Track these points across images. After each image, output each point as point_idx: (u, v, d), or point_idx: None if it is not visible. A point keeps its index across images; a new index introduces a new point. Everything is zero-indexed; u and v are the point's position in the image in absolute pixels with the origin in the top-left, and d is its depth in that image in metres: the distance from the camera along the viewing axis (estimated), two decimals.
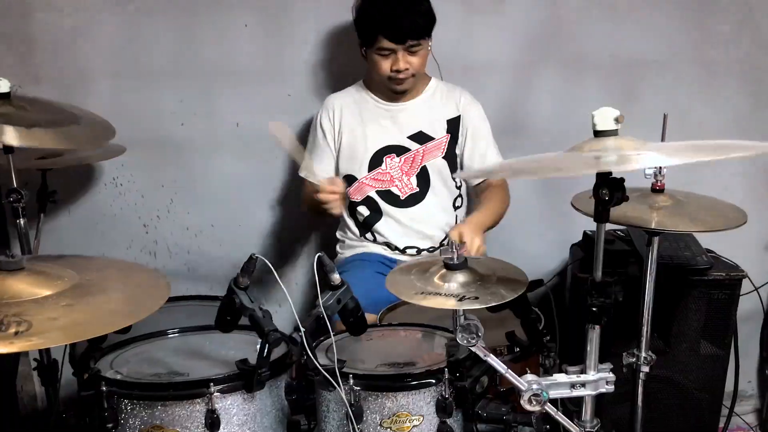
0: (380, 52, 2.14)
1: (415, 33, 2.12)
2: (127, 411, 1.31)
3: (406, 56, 2.15)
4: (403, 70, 2.15)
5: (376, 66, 2.18)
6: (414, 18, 2.11)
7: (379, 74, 2.19)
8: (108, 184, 2.66)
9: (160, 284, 1.57)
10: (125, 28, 2.50)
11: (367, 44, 2.17)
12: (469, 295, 1.25)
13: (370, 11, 2.15)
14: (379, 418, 1.34)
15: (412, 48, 2.14)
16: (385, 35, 2.10)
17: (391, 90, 2.25)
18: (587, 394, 1.38)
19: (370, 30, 2.14)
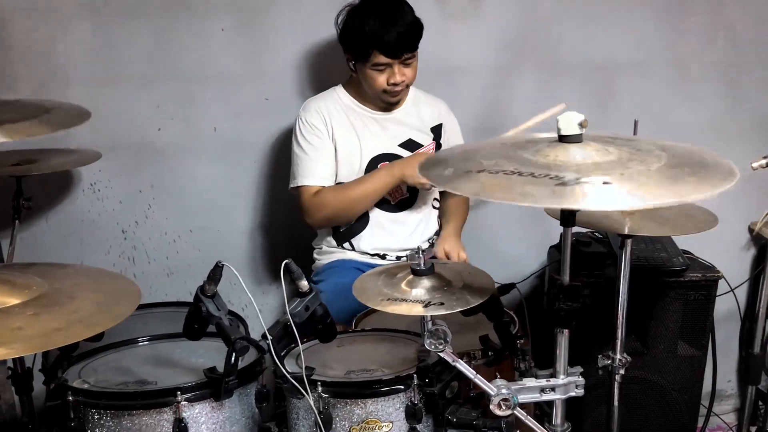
0: (376, 68, 2.12)
1: (409, 46, 2.11)
2: (94, 421, 1.30)
3: (401, 69, 2.13)
4: (399, 83, 2.14)
5: (370, 81, 2.16)
6: (407, 31, 2.10)
7: (374, 89, 2.17)
8: (86, 190, 2.64)
9: (132, 291, 1.56)
10: (101, 33, 2.48)
11: (361, 59, 2.14)
12: (434, 300, 1.25)
13: (361, 27, 2.11)
14: (348, 425, 1.34)
15: (406, 60, 2.13)
16: (381, 51, 2.08)
17: (384, 102, 2.23)
18: (557, 398, 1.38)
19: (363, 46, 2.11)
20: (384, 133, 2.27)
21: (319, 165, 2.24)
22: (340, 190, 2.25)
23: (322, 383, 1.33)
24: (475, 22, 2.57)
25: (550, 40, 2.61)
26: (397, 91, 2.17)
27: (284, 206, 2.67)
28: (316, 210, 2.24)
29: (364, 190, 2.21)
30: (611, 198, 1.09)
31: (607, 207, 1.05)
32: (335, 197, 2.23)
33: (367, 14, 2.10)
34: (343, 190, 2.24)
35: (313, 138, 2.24)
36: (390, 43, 2.07)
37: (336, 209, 2.24)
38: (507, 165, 1.19)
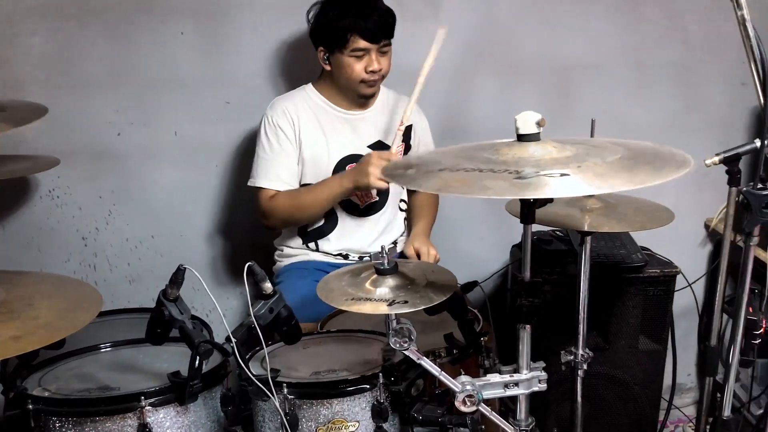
0: (354, 53, 2.10)
1: (387, 31, 2.12)
2: (56, 429, 1.28)
3: (378, 57, 2.13)
4: (377, 71, 2.13)
5: (348, 69, 2.14)
6: (383, 16, 2.12)
7: (352, 78, 2.15)
8: (44, 197, 2.60)
9: (93, 298, 1.54)
10: (58, 38, 2.44)
11: (339, 47, 2.12)
12: (399, 299, 1.26)
13: (338, 14, 2.10)
14: (315, 426, 1.34)
15: (383, 48, 2.13)
16: (360, 35, 2.08)
17: (360, 95, 2.21)
18: (521, 393, 1.40)
19: (342, 32, 2.09)
20: (353, 134, 2.27)
21: (279, 167, 2.23)
22: (294, 196, 2.23)
23: (288, 384, 1.33)
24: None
25: (509, 43, 2.64)
26: (374, 81, 2.16)
27: (246, 209, 2.65)
28: (270, 214, 2.25)
29: (316, 199, 2.21)
30: (569, 188, 1.11)
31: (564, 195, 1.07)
32: (288, 204, 2.22)
33: (343, 2, 2.12)
34: (296, 196, 2.23)
35: (277, 139, 2.22)
36: (370, 27, 2.08)
37: (289, 215, 2.25)
38: (467, 164, 1.21)
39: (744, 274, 1.35)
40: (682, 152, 1.29)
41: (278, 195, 2.22)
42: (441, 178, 1.16)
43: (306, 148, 2.23)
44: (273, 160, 2.23)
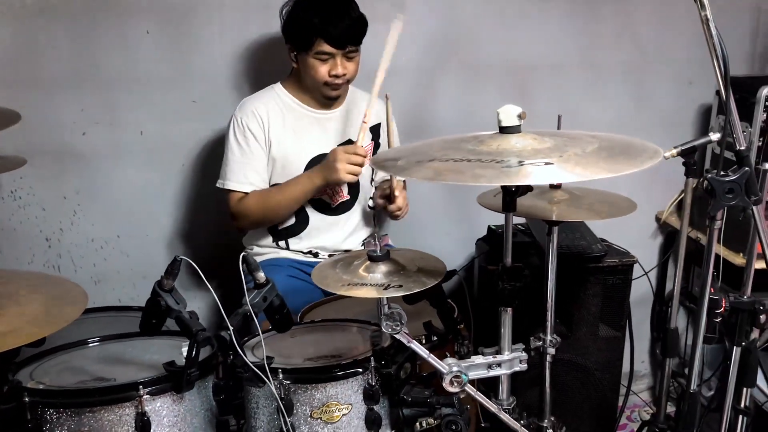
0: (319, 56, 2.12)
1: (354, 38, 2.14)
2: (53, 421, 1.29)
3: (344, 62, 2.15)
4: (341, 75, 2.15)
5: (312, 71, 2.16)
6: (353, 23, 2.13)
7: (315, 79, 2.17)
8: (5, 198, 2.56)
9: (77, 292, 1.55)
10: (20, 35, 2.41)
11: (304, 48, 2.14)
12: (393, 283, 1.31)
13: (307, 15, 2.12)
14: (309, 410, 1.38)
15: (349, 54, 2.15)
16: (325, 39, 2.10)
17: (324, 96, 2.23)
18: (503, 373, 1.47)
19: (307, 33, 2.11)
20: (324, 134, 2.30)
21: (249, 170, 2.24)
22: (263, 196, 2.25)
23: (283, 370, 1.37)
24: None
25: (471, 43, 2.72)
26: (337, 84, 2.18)
27: (212, 209, 2.66)
28: (240, 216, 2.27)
29: (287, 198, 2.23)
30: (553, 175, 1.18)
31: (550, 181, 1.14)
32: (258, 204, 2.24)
33: (315, 4, 2.13)
34: (266, 196, 2.25)
35: (246, 141, 2.23)
36: (336, 33, 2.09)
37: (259, 216, 2.27)
38: (455, 154, 1.27)
39: (708, 254, 1.45)
40: (651, 144, 1.38)
41: (248, 196, 2.24)
42: (432, 167, 1.22)
43: (276, 148, 2.25)
44: (242, 162, 2.24)
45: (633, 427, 2.90)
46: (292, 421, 1.35)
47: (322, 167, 2.19)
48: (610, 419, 2.58)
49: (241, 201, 2.25)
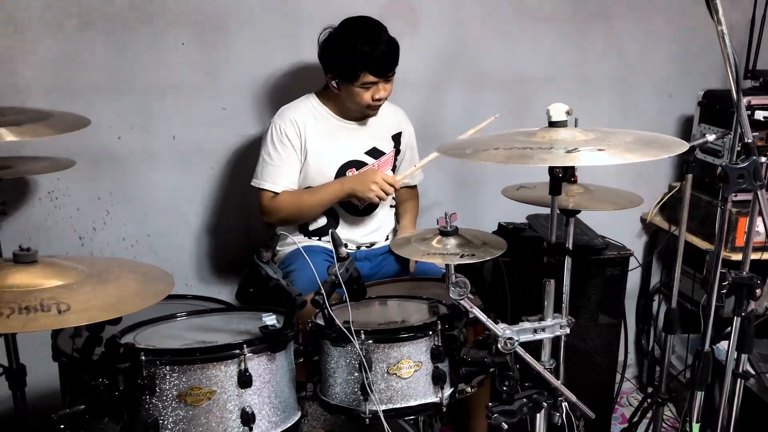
0: (363, 86, 2.32)
1: (394, 65, 2.34)
2: (164, 377, 1.46)
3: (385, 85, 2.35)
4: (383, 99, 2.36)
5: (357, 98, 2.34)
6: (390, 51, 2.32)
7: (360, 104, 2.37)
8: (43, 198, 2.69)
9: (162, 272, 1.72)
10: (63, 45, 2.57)
11: (349, 80, 2.31)
12: (466, 253, 1.53)
13: (349, 50, 2.28)
14: (386, 366, 1.58)
15: (389, 77, 2.36)
16: (370, 71, 2.28)
17: (365, 116, 2.44)
18: (546, 337, 1.69)
19: (352, 67, 2.28)
20: (352, 142, 2.50)
21: (283, 173, 2.43)
22: (296, 196, 2.45)
23: (365, 331, 1.56)
24: (412, 41, 2.87)
25: (476, 58, 2.97)
26: (379, 105, 2.41)
27: (238, 209, 2.85)
28: (272, 212, 2.45)
29: (317, 200, 2.43)
30: (606, 158, 1.42)
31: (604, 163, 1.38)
32: (290, 204, 2.43)
33: (353, 38, 2.30)
34: (298, 197, 2.45)
35: (283, 147, 2.42)
36: (379, 64, 2.28)
37: (289, 214, 2.45)
38: (515, 144, 1.50)
39: (721, 233, 1.70)
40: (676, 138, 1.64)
41: (281, 195, 2.43)
42: (500, 153, 1.44)
43: (311, 154, 2.44)
44: (277, 166, 2.42)
45: (623, 411, 3.14)
46: (371, 378, 1.55)
47: (356, 179, 2.40)
48: (608, 399, 2.81)
49: (273, 199, 2.44)
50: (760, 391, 2.54)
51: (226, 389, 1.47)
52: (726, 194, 1.59)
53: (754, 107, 2.68)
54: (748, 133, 1.59)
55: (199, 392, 1.46)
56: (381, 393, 1.57)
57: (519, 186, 2.25)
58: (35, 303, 1.42)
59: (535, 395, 1.66)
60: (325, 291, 1.51)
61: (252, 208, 2.77)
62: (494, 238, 1.65)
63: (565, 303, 2.19)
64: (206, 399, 1.46)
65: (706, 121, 2.92)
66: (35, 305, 1.41)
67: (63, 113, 2.07)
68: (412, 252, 1.58)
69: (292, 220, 2.50)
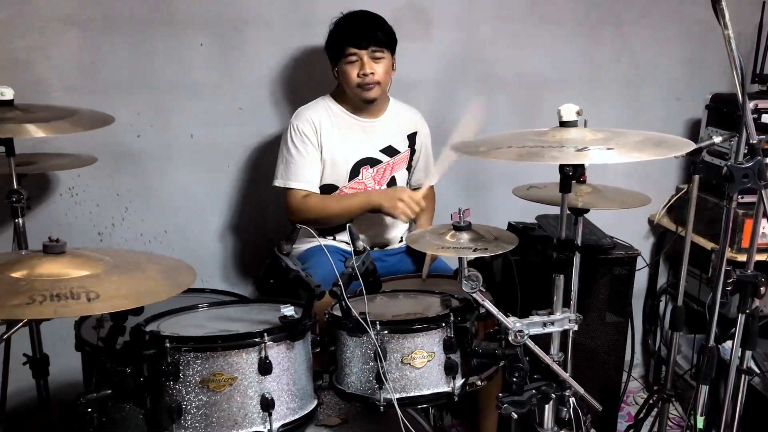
0: (348, 60, 2.41)
1: (375, 40, 2.41)
2: (187, 363, 1.52)
3: (371, 62, 2.41)
4: (369, 74, 2.41)
5: (346, 76, 2.43)
6: (375, 28, 2.42)
7: (350, 84, 2.43)
8: (63, 194, 2.76)
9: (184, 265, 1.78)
10: (85, 45, 2.64)
11: (337, 57, 2.44)
12: (479, 247, 1.58)
13: (338, 29, 2.45)
14: (401, 356, 1.63)
15: (375, 55, 2.42)
16: (348, 43, 2.40)
17: (361, 100, 2.48)
18: (555, 330, 1.74)
19: (338, 43, 2.43)
20: (367, 140, 2.56)
21: (307, 171, 2.49)
22: (325, 202, 2.50)
23: (380, 322, 1.62)
24: (425, 43, 2.94)
25: (487, 60, 3.03)
26: (368, 84, 2.42)
27: (254, 207, 2.92)
28: (301, 212, 2.48)
29: (344, 208, 2.48)
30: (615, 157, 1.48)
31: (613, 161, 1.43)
32: (319, 207, 2.49)
33: (341, 21, 2.47)
34: (327, 202, 2.50)
35: (303, 145, 2.48)
36: (357, 34, 2.39)
37: (317, 217, 2.49)
38: (528, 143, 1.56)
39: (726, 231, 1.75)
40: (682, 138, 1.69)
41: (311, 197, 2.48)
42: (513, 151, 1.50)
43: (326, 151, 2.50)
44: (300, 165, 2.48)
45: (629, 410, 3.19)
46: (385, 366, 1.61)
47: (383, 195, 2.45)
48: (614, 397, 2.86)
49: (303, 199, 2.48)
50: (765, 389, 2.59)
51: (247, 376, 1.53)
52: (731, 193, 1.64)
53: (761, 110, 2.73)
54: (754, 135, 1.64)
55: (221, 378, 1.52)
56: (395, 382, 1.63)
57: (529, 186, 2.30)
58: (66, 291, 1.47)
59: (544, 387, 1.71)
60: (343, 283, 1.57)
61: (268, 206, 2.84)
62: (506, 233, 1.70)
63: (574, 299, 2.26)
64: (228, 385, 1.52)
65: (714, 124, 2.97)
66: (66, 293, 1.47)
67: (88, 111, 2.14)
68: (426, 246, 1.64)
69: (317, 223, 2.51)
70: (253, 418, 1.54)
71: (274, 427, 1.55)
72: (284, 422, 1.57)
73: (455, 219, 1.62)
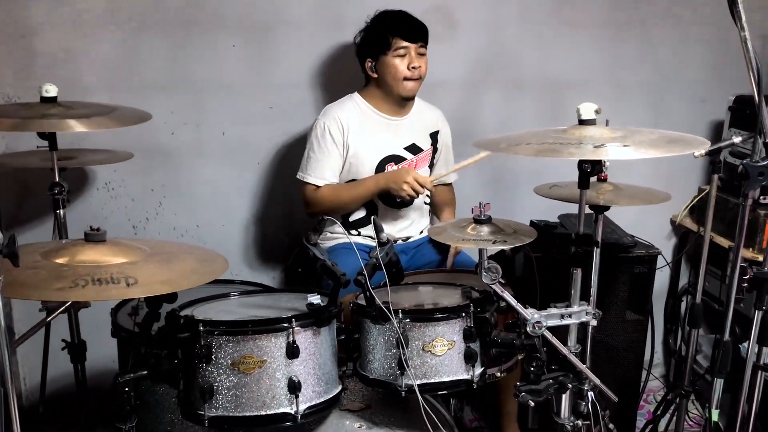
0: (397, 53, 2.50)
1: (423, 34, 2.53)
2: (219, 346, 1.60)
3: (418, 56, 2.52)
4: (418, 67, 2.51)
5: (392, 69, 2.51)
6: (420, 23, 2.54)
7: (397, 76, 2.52)
8: (100, 189, 2.87)
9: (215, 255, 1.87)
10: (122, 46, 2.75)
11: (383, 50, 2.51)
12: (499, 239, 1.65)
13: (382, 23, 2.54)
14: (422, 344, 1.70)
15: (421, 50, 2.53)
16: (400, 35, 2.49)
17: (402, 95, 2.57)
18: (572, 323, 1.80)
19: (385, 35, 2.50)
20: (393, 137, 2.64)
21: (326, 167, 2.58)
22: (336, 190, 2.59)
23: (403, 311, 1.69)
24: (451, 45, 3.01)
25: (512, 62, 3.09)
26: (414, 78, 2.54)
27: (283, 202, 3.01)
28: (314, 204, 2.60)
29: (355, 194, 2.58)
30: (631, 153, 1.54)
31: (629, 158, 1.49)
32: (330, 196, 2.58)
33: (382, 14, 2.56)
34: (338, 191, 2.59)
35: (326, 142, 2.57)
36: (408, 28, 2.50)
37: (330, 206, 2.58)
38: (547, 140, 1.62)
39: (741, 228, 1.80)
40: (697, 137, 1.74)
41: (322, 188, 2.58)
42: (532, 147, 1.56)
43: (352, 148, 2.59)
44: (320, 161, 2.58)
45: (649, 408, 3.22)
46: (407, 353, 1.68)
47: (390, 176, 2.54)
48: (634, 395, 2.90)
49: (316, 191, 2.59)
50: None
51: (275, 359, 1.61)
52: (746, 191, 1.68)
53: None
54: None
55: (251, 361, 1.60)
56: (416, 368, 1.70)
57: (551, 185, 2.35)
58: (106, 276, 1.57)
59: (561, 377, 1.77)
60: (367, 273, 1.64)
61: (295, 201, 2.92)
62: (525, 227, 1.76)
63: (593, 295, 2.30)
64: (257, 367, 1.61)
65: (737, 125, 2.99)
66: (106, 278, 1.56)
67: (126, 108, 2.23)
68: (448, 238, 1.71)
69: (332, 212, 2.62)
70: (281, 400, 1.62)
71: (301, 409, 1.62)
72: (310, 404, 1.65)
73: (476, 213, 1.68)
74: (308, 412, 1.64)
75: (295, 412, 1.62)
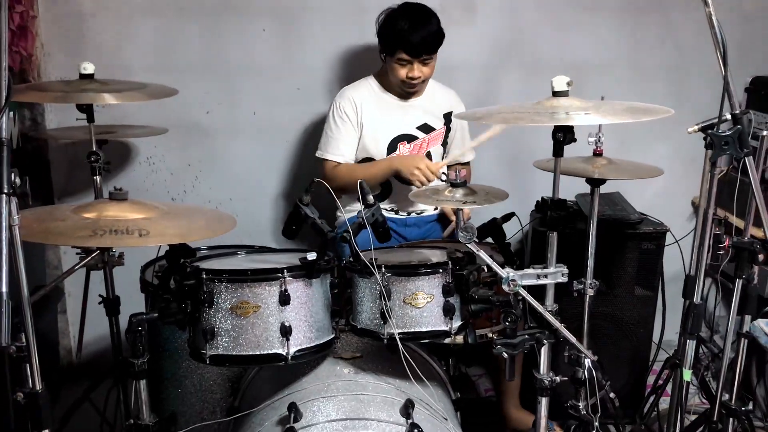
0: (399, 62, 2.62)
1: (427, 49, 2.59)
2: (220, 292, 1.80)
3: (420, 67, 2.63)
4: (416, 78, 2.64)
5: (394, 71, 2.64)
6: (427, 37, 2.57)
7: (396, 78, 2.66)
8: (142, 163, 3.13)
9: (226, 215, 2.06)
10: (161, 32, 3.00)
11: (389, 53, 2.63)
12: (469, 200, 1.79)
13: (392, 28, 2.59)
14: (403, 296, 1.86)
15: (425, 60, 2.63)
16: (404, 50, 2.57)
17: (403, 91, 2.73)
18: (548, 282, 1.92)
19: (391, 43, 2.60)
20: (405, 117, 2.79)
21: (341, 145, 2.75)
22: (352, 170, 2.74)
23: (386, 266, 1.85)
24: (469, 28, 3.14)
25: (531, 45, 3.19)
26: (413, 84, 2.67)
27: (306, 178, 3.11)
28: (330, 180, 2.71)
29: (370, 174, 2.70)
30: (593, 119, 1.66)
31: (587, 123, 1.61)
32: (346, 174, 2.73)
33: (400, 17, 2.58)
34: (353, 170, 2.74)
35: (342, 122, 2.74)
36: (413, 45, 2.55)
37: (345, 184, 2.71)
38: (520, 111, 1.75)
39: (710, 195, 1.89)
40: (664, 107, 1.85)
41: (340, 166, 2.75)
42: (504, 117, 1.70)
43: (366, 128, 2.75)
44: (336, 139, 2.75)
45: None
46: (390, 305, 1.84)
47: (402, 161, 2.66)
48: (643, 368, 2.98)
49: (334, 168, 2.76)
50: None
51: (269, 305, 1.79)
52: (712, 159, 1.78)
53: None
54: (735, 106, 1.77)
55: (247, 306, 1.79)
56: (398, 319, 1.85)
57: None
58: (122, 228, 1.77)
59: (537, 334, 1.89)
60: (352, 230, 1.81)
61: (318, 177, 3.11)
62: (498, 190, 1.89)
63: (590, 266, 2.41)
64: (253, 312, 1.79)
65: (754, 106, 3.03)
66: (122, 229, 1.77)
67: (155, 84, 2.45)
68: (426, 199, 1.86)
69: (347, 189, 2.75)
70: (273, 342, 1.80)
71: (291, 351, 1.80)
72: (300, 348, 1.82)
73: (452, 177, 1.83)
74: (298, 354, 1.82)
75: (286, 353, 1.80)
